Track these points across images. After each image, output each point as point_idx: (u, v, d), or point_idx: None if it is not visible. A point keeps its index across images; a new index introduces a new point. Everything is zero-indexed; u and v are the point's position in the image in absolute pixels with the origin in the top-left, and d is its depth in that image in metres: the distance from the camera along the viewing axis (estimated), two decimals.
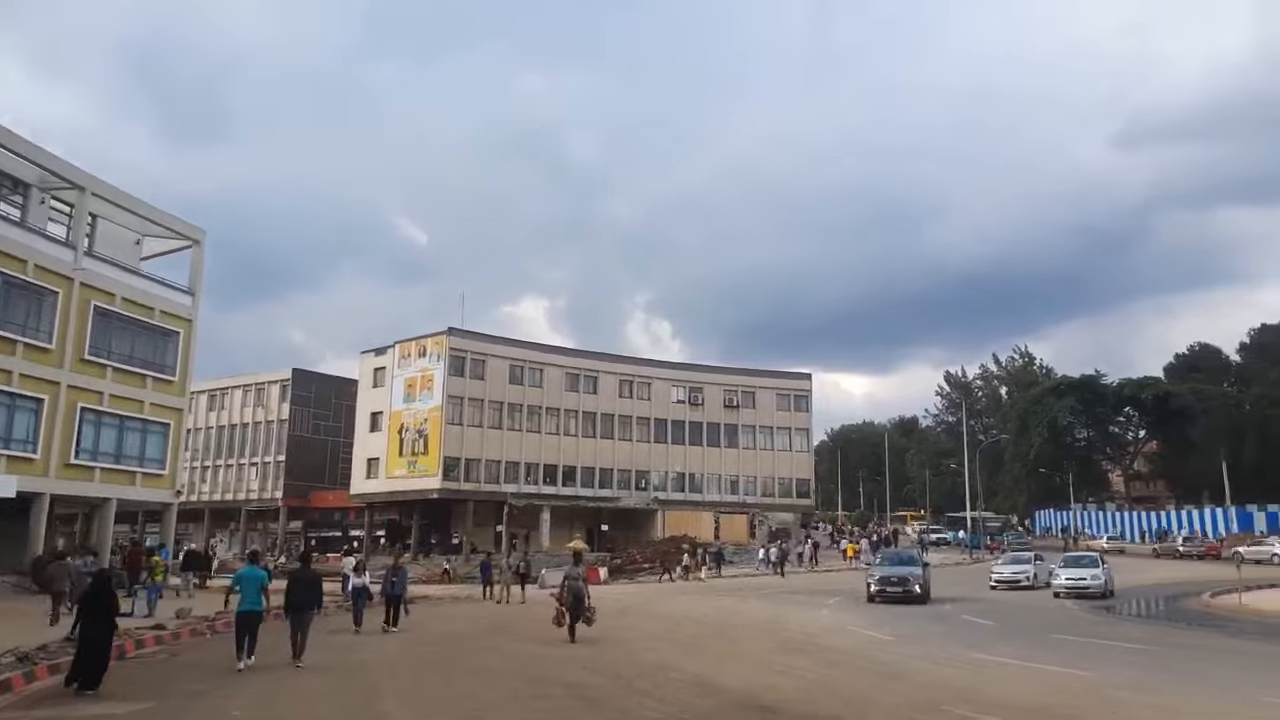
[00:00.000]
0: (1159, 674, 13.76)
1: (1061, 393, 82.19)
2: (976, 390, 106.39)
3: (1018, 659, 15.04)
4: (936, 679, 13.42)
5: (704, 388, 67.54)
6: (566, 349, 67.39)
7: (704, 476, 66.40)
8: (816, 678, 13.63)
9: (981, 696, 11.82)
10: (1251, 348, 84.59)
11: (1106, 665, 14.49)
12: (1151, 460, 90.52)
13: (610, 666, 14.55)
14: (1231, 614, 23.64)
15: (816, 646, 17.64)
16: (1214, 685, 12.66)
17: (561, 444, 61.03)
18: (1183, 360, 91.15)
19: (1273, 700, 11.04)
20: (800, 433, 71.02)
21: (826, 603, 28.05)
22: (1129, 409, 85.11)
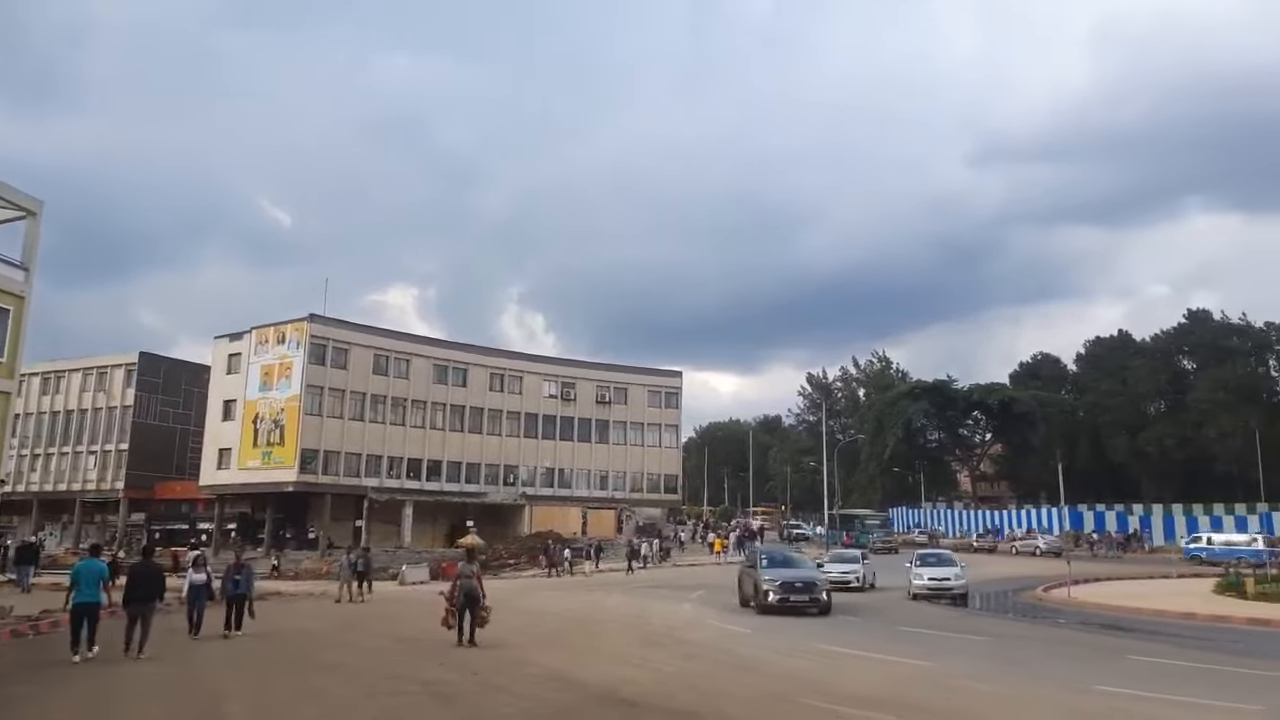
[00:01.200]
0: (998, 664, 14.39)
1: (916, 396, 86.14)
2: (837, 391, 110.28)
3: (870, 651, 15.47)
4: (791, 671, 13.66)
5: (576, 383, 67.35)
6: (435, 340, 65.88)
7: (574, 472, 66.20)
8: (675, 671, 13.64)
9: (833, 687, 12.08)
10: (1086, 359, 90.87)
11: (951, 656, 15.05)
12: (996, 462, 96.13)
13: (467, 662, 14.19)
14: (1061, 607, 25.17)
15: (677, 640, 17.71)
16: (1047, 674, 13.29)
17: (427, 437, 59.59)
18: (1026, 368, 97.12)
19: (1102, 688, 11.68)
20: (670, 429, 71.78)
21: (690, 597, 28.26)
22: (977, 413, 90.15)
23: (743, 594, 24.07)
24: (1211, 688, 11.80)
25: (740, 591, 24.42)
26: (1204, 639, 18.03)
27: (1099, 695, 11.33)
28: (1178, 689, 11.55)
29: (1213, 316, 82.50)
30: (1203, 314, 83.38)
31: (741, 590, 24.32)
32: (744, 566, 25.85)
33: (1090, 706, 10.79)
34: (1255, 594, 24.33)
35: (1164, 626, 20.45)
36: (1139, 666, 14.14)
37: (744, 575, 24.65)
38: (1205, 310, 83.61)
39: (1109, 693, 11.39)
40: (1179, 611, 22.20)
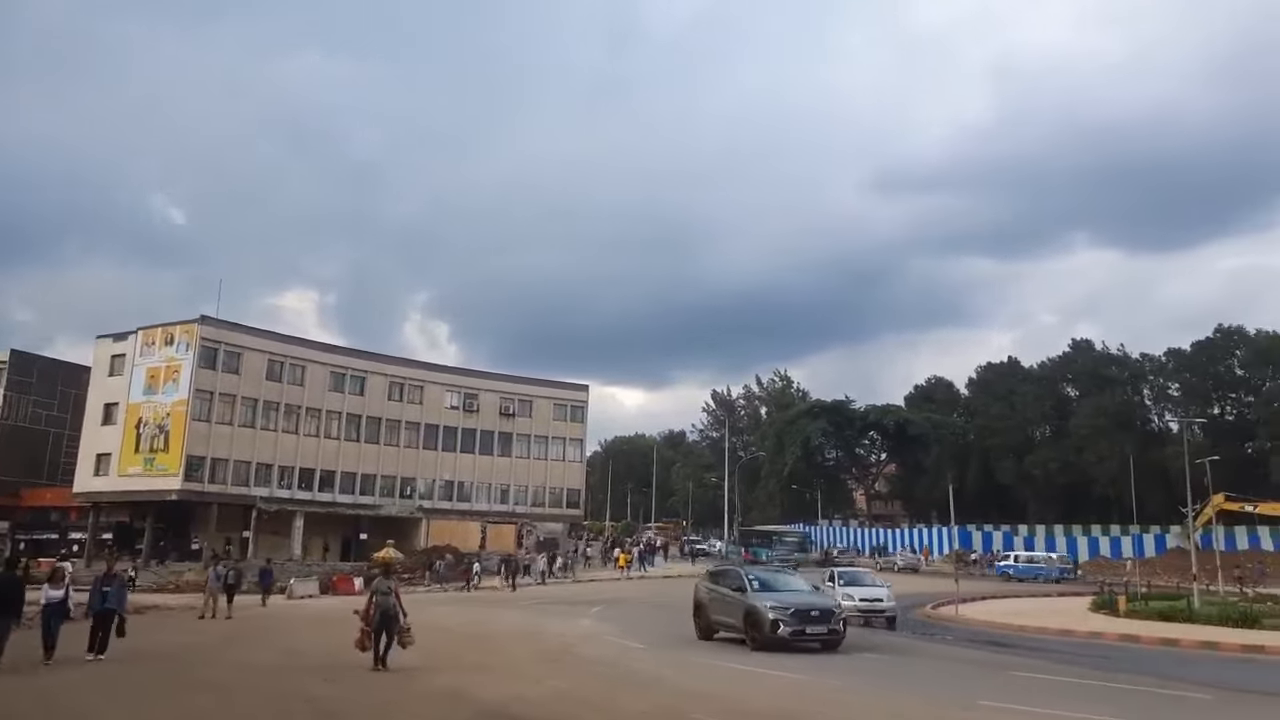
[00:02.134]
0: (890, 679, 14.67)
1: (815, 415, 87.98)
2: (740, 409, 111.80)
3: (767, 667, 15.48)
4: (686, 687, 13.60)
5: (479, 394, 66.38)
6: (333, 346, 64.00)
7: (474, 485, 65.11)
8: (569, 687, 13.46)
9: (728, 703, 12.10)
10: (978, 384, 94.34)
11: (847, 672, 15.22)
12: (891, 481, 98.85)
13: (358, 680, 13.67)
14: (949, 624, 25.89)
15: (573, 656, 17.55)
16: (937, 690, 13.61)
17: (321, 447, 57.71)
18: (921, 391, 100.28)
19: (988, 703, 12.00)
20: (575, 443, 71.40)
21: (589, 612, 28.04)
22: (873, 433, 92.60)
23: (707, 622, 19.69)
24: (1085, 702, 12.21)
25: (704, 619, 19.85)
26: (1080, 655, 18.76)
27: (984, 710, 11.63)
28: (1055, 703, 11.91)
29: (1094, 346, 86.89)
30: (1085, 344, 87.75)
31: (706, 618, 19.74)
32: (708, 590, 20.23)
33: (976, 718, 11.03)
34: (1126, 612, 25.52)
35: (1044, 643, 21.21)
36: (1021, 682, 14.61)
37: (713, 601, 19.65)
38: (1088, 340, 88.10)
39: (994, 708, 11.69)
40: (1057, 629, 23.09)
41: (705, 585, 20.63)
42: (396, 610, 14.61)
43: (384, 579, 15.86)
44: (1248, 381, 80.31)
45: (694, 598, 20.74)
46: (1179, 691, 13.55)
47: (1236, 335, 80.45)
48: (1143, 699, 12.93)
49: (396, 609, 14.63)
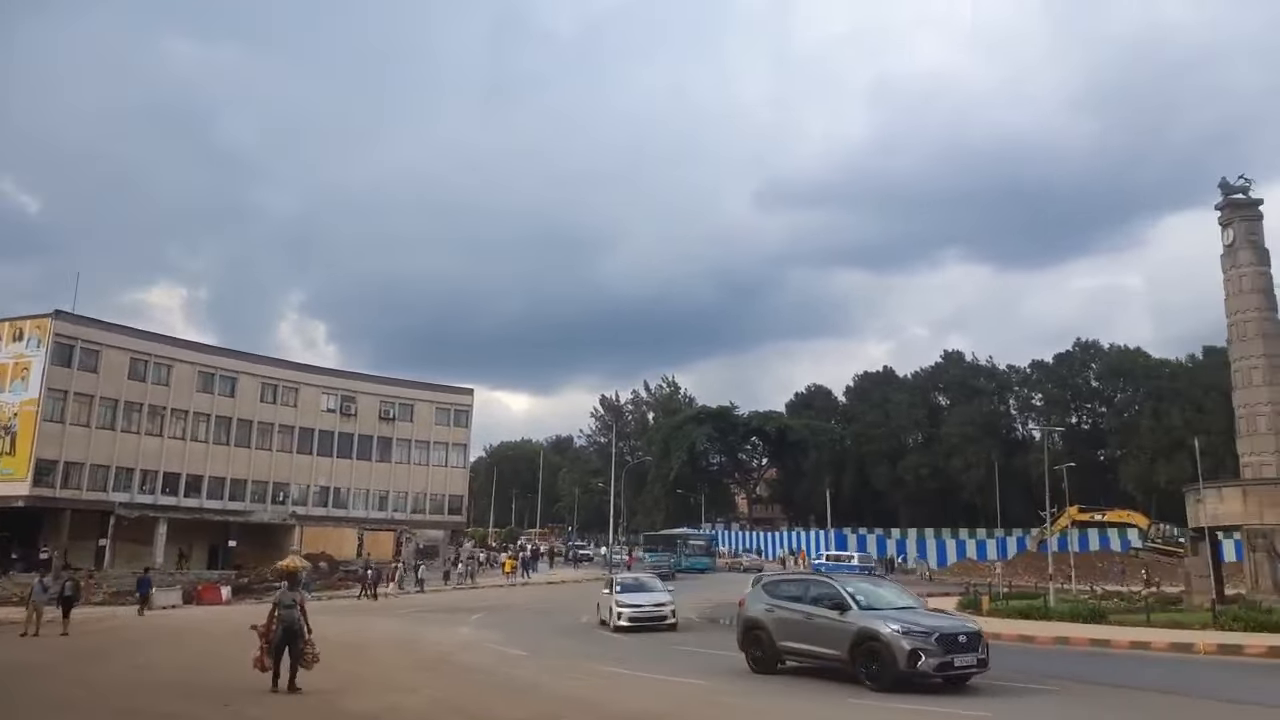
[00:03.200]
0: (767, 681, 14.76)
1: (701, 420, 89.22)
2: (628, 414, 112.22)
3: (647, 672, 15.52)
4: (564, 692, 13.48)
5: (358, 397, 64.42)
6: (202, 345, 60.94)
7: (350, 491, 63.10)
8: (444, 695, 13.15)
9: (605, 708, 12.05)
10: (855, 392, 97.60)
11: (720, 675, 15.37)
12: (771, 486, 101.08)
13: (218, 691, 12.97)
14: None
15: (450, 664, 17.21)
16: (811, 690, 13.81)
17: (188, 450, 54.83)
18: (801, 398, 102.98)
19: (857, 701, 12.37)
20: (458, 448, 70.12)
21: (469, 620, 27.54)
22: (756, 439, 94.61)
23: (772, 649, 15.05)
24: (943, 698, 12.61)
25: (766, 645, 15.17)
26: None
27: (853, 707, 11.99)
28: (909, 700, 12.30)
29: (964, 358, 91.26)
30: (956, 355, 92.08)
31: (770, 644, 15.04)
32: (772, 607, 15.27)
33: (846, 717, 11.33)
34: (989, 610, 26.66)
35: None
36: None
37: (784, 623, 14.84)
38: (958, 352, 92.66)
39: (859, 705, 12.09)
40: None
41: (764, 601, 15.39)
42: (301, 625, 13.15)
43: (289, 590, 14.27)
44: (1101, 393, 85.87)
45: (742, 617, 15.95)
46: (1023, 683, 14.14)
47: (1093, 349, 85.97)
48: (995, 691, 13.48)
49: (301, 623, 13.17)
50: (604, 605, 24.84)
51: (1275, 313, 30.80)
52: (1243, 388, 30.71)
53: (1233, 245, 31.53)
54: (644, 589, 25.00)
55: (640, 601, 23.63)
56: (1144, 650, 19.43)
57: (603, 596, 25.57)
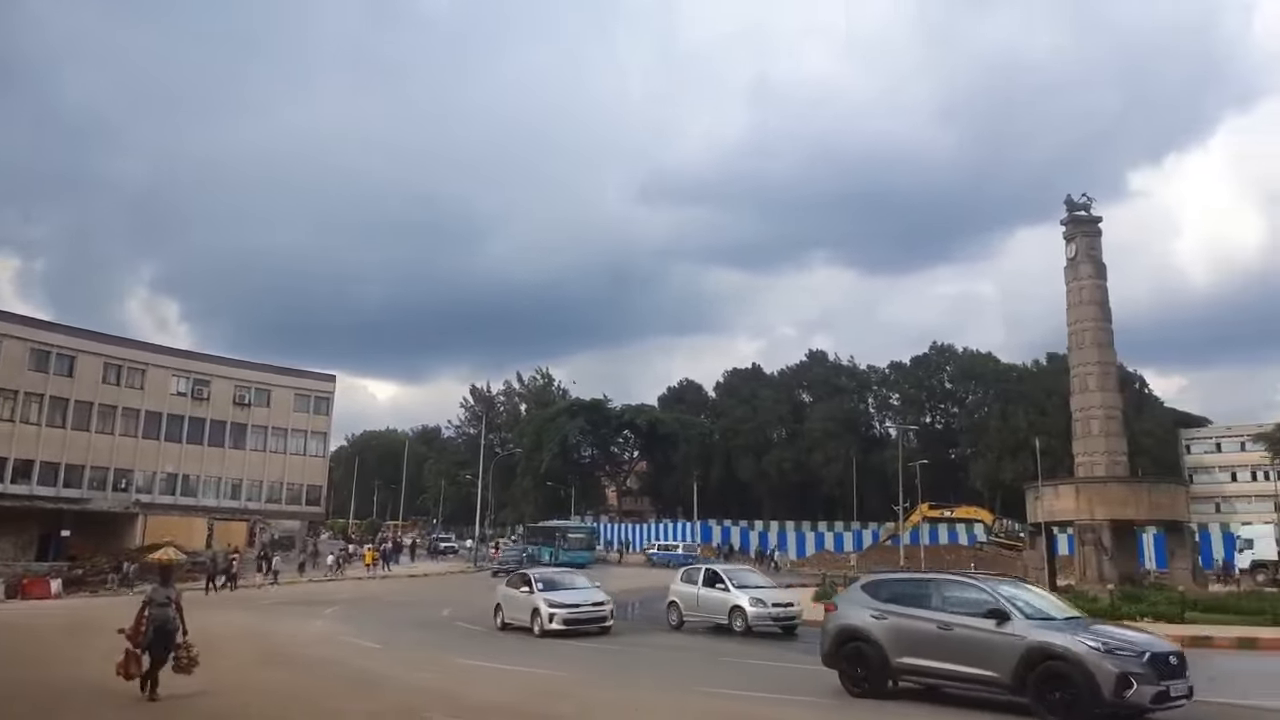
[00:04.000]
0: (627, 671, 14.91)
1: (574, 413, 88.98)
2: (499, 405, 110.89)
3: (504, 663, 15.31)
4: (419, 685, 13.15)
5: (212, 381, 61.15)
6: (36, 320, 56.51)
7: (201, 479, 59.87)
8: (293, 690, 12.59)
9: (461, 700, 11.79)
10: (724, 387, 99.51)
11: (584, 666, 15.33)
12: (641, 478, 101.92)
13: (48, 688, 12.00)
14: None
15: (301, 658, 16.50)
16: (672, 680, 13.95)
17: (17, 432, 50.71)
18: (673, 392, 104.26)
19: (713, 690, 12.48)
20: (318, 436, 67.59)
21: (324, 613, 26.55)
22: (628, 432, 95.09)
23: (886, 664, 11.65)
24: (795, 684, 12.94)
25: (879, 662, 11.72)
26: (800, 642, 19.92)
27: (709, 697, 12.08)
28: (780, 688, 12.58)
29: (828, 357, 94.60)
30: (820, 354, 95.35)
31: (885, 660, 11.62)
32: (882, 614, 11.80)
33: (710, 708, 11.45)
34: None
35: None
36: (748, 669, 15.27)
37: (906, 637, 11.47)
38: (822, 351, 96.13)
39: (708, 693, 12.21)
40: None
41: (867, 605, 12.09)
42: (176, 625, 11.72)
43: (162, 587, 12.43)
44: (954, 394, 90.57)
45: (834, 626, 12.35)
46: None
47: (948, 353, 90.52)
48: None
49: (176, 623, 11.73)
50: (516, 604, 21.36)
51: (1110, 323, 33.03)
52: (1079, 392, 32.80)
53: (1075, 259, 33.60)
54: (571, 585, 21.83)
55: (576, 600, 20.62)
56: None
57: (512, 595, 21.76)
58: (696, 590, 21.95)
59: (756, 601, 20.54)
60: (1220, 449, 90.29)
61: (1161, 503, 31.17)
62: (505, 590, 22.52)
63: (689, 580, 22.70)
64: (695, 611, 21.92)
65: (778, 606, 20.76)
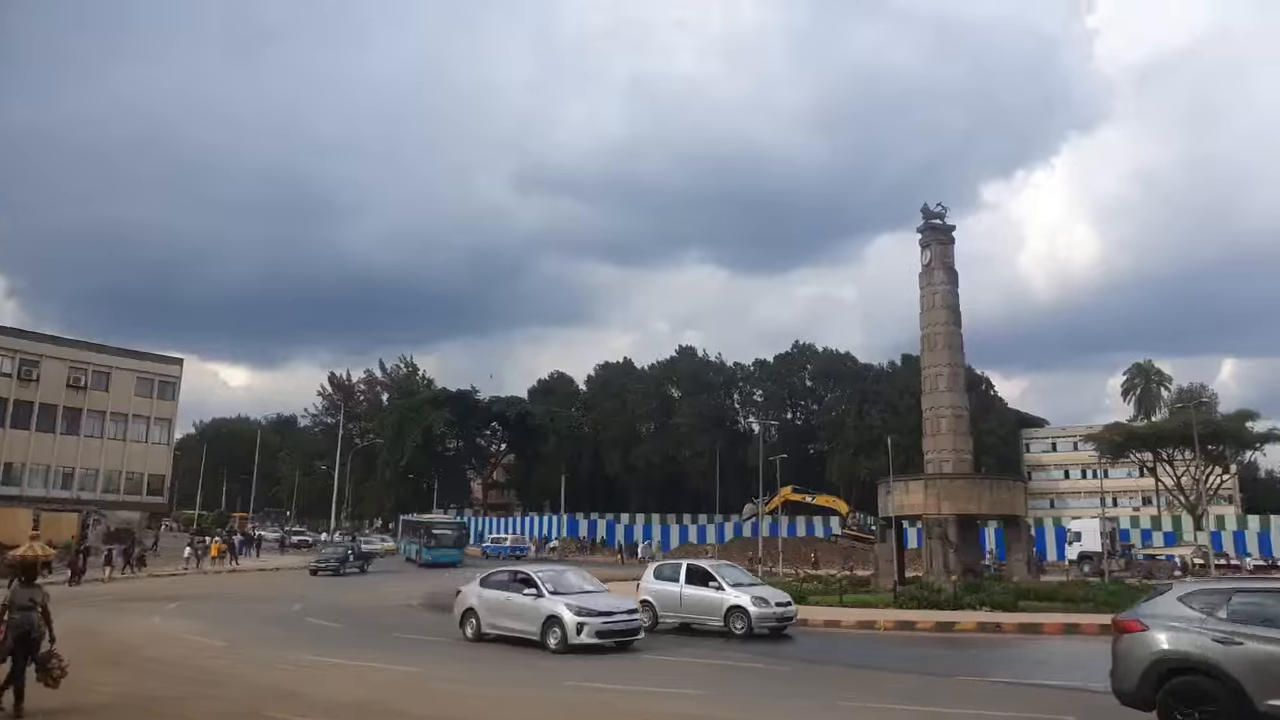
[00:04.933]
0: (487, 667, 14.62)
1: (439, 404, 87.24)
2: (359, 394, 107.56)
3: (355, 659, 14.85)
4: (263, 683, 12.58)
5: (42, 361, 56.61)
6: None
7: (27, 467, 55.45)
8: (127, 692, 11.73)
9: (307, 698, 11.38)
10: (596, 380, 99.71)
11: (436, 660, 15.02)
12: (508, 471, 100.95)
13: None
14: None
15: (138, 658, 15.45)
16: (527, 674, 13.87)
17: None
18: (543, 385, 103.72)
19: (574, 684, 12.41)
20: (162, 423, 63.72)
21: (165, 609, 24.99)
22: (495, 424, 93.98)
23: None
24: (650, 675, 13.13)
25: None
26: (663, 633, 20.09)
27: (571, 689, 12.07)
28: (631, 680, 12.69)
29: (697, 353, 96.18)
30: (690, 350, 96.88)
31: None
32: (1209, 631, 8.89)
33: (570, 699, 11.42)
34: None
35: None
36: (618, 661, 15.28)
37: None
38: (692, 347, 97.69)
39: (583, 687, 12.16)
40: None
41: (1209, 628, 8.83)
42: (42, 631, 10.36)
43: (24, 588, 10.67)
44: (814, 392, 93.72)
45: (1152, 652, 9.12)
46: (731, 662, 15.10)
47: (809, 352, 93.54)
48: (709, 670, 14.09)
49: (42, 629, 10.36)
50: (511, 611, 17.01)
51: (960, 327, 34.70)
52: (930, 392, 34.33)
53: (929, 265, 35.13)
54: (584, 587, 17.62)
55: (607, 607, 16.41)
56: (835, 628, 21.25)
57: (502, 600, 17.28)
58: (678, 589, 19.78)
59: (759, 601, 18.73)
60: (1056, 448, 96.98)
61: (1002, 499, 32.98)
62: (484, 592, 17.71)
63: (666, 578, 20.45)
64: (675, 612, 19.75)
65: (780, 606, 19.06)
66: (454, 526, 54.24)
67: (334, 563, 41.55)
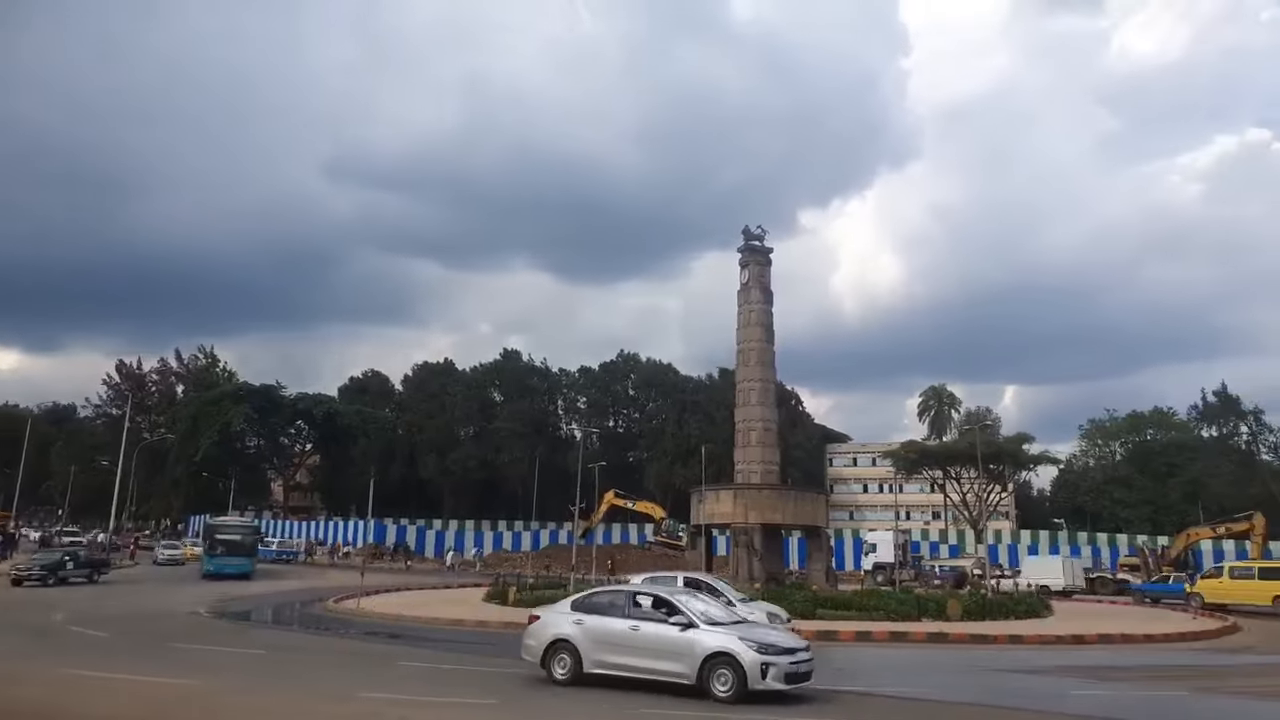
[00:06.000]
0: (272, 678, 13.86)
1: (240, 398, 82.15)
2: (151, 385, 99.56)
3: (127, 672, 13.47)
4: (14, 702, 11.19)
5: None
6: None
7: None
8: None
9: (66, 715, 10.24)
10: (413, 381, 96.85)
11: (221, 673, 14.02)
12: (313, 472, 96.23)
13: None
14: (350, 618, 25.32)
15: None
16: (320, 685, 13.12)
17: None
18: (356, 383, 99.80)
19: (369, 695, 11.82)
20: None
21: None
22: (301, 422, 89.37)
23: None
24: (460, 686, 12.81)
25: None
26: (467, 643, 19.60)
27: (363, 701, 11.47)
28: (434, 690, 12.27)
29: (522, 357, 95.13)
30: (515, 354, 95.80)
31: None
32: None
33: (355, 711, 10.90)
34: (514, 601, 27.47)
35: (438, 634, 21.76)
36: (407, 671, 14.82)
37: None
38: (517, 351, 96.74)
39: (372, 698, 11.58)
40: (450, 619, 23.97)
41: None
42: None
43: None
44: (636, 400, 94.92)
45: None
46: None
47: (633, 361, 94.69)
48: (502, 678, 13.72)
49: None
50: (637, 646, 12.63)
51: (773, 344, 35.96)
52: (743, 405, 35.37)
53: (747, 284, 36.24)
54: (738, 616, 14.61)
55: (788, 644, 12.57)
56: None
57: (619, 630, 12.88)
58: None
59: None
60: (856, 463, 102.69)
61: (806, 510, 34.38)
62: (586, 620, 13.19)
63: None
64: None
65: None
66: (244, 530, 45.71)
67: (41, 574, 32.99)
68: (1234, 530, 48.86)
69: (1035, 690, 14.07)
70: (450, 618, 24.11)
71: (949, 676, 15.86)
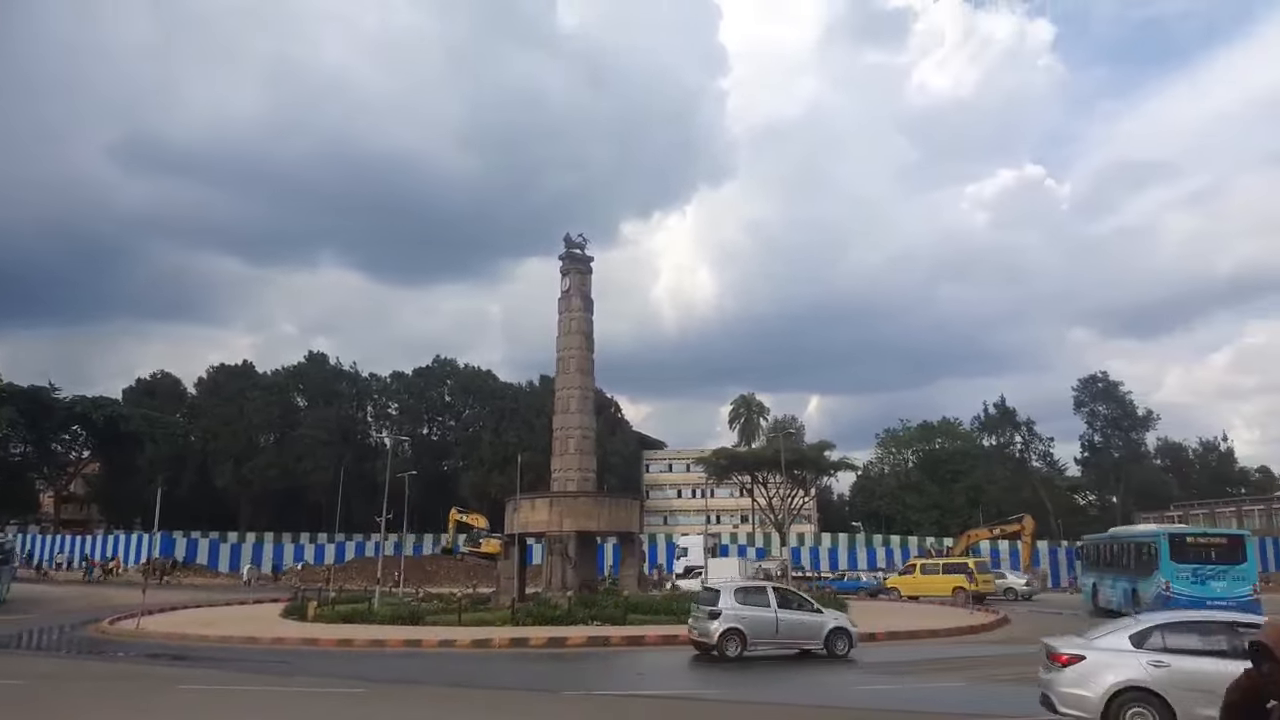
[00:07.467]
0: (23, 713, 12.36)
1: (3, 400, 74.04)
2: None
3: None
4: None
5: None
6: None
7: None
8: None
9: None
10: (208, 384, 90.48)
11: None
12: (90, 482, 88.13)
13: None
14: (127, 639, 23.24)
15: None
16: (85, 716, 11.95)
17: None
18: (143, 385, 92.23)
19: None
20: None
21: None
22: (77, 427, 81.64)
23: None
24: (243, 710, 11.93)
25: None
26: (261, 662, 18.41)
27: None
28: (219, 714, 11.54)
29: (329, 361, 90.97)
30: (321, 357, 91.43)
31: None
32: None
33: None
34: (314, 616, 26.15)
35: (228, 653, 20.39)
36: (188, 697, 13.52)
37: None
38: (323, 354, 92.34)
39: None
40: (243, 637, 22.49)
41: None
42: None
43: None
44: (453, 407, 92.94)
45: None
46: (331, 688, 14.08)
47: (450, 367, 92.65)
48: (296, 698, 13.01)
49: None
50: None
51: (593, 352, 36.11)
52: (561, 413, 35.29)
53: (568, 292, 36.24)
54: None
55: None
56: (450, 648, 20.75)
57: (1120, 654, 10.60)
58: (773, 614, 19.35)
59: (852, 623, 20.47)
60: (671, 469, 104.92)
61: (620, 516, 34.62)
62: (1184, 665, 10.10)
63: (753, 603, 19.43)
64: (772, 639, 19.38)
65: None
66: None
67: None
68: (1007, 531, 53.59)
69: (826, 685, 14.71)
70: (243, 636, 22.60)
71: (737, 675, 16.41)
